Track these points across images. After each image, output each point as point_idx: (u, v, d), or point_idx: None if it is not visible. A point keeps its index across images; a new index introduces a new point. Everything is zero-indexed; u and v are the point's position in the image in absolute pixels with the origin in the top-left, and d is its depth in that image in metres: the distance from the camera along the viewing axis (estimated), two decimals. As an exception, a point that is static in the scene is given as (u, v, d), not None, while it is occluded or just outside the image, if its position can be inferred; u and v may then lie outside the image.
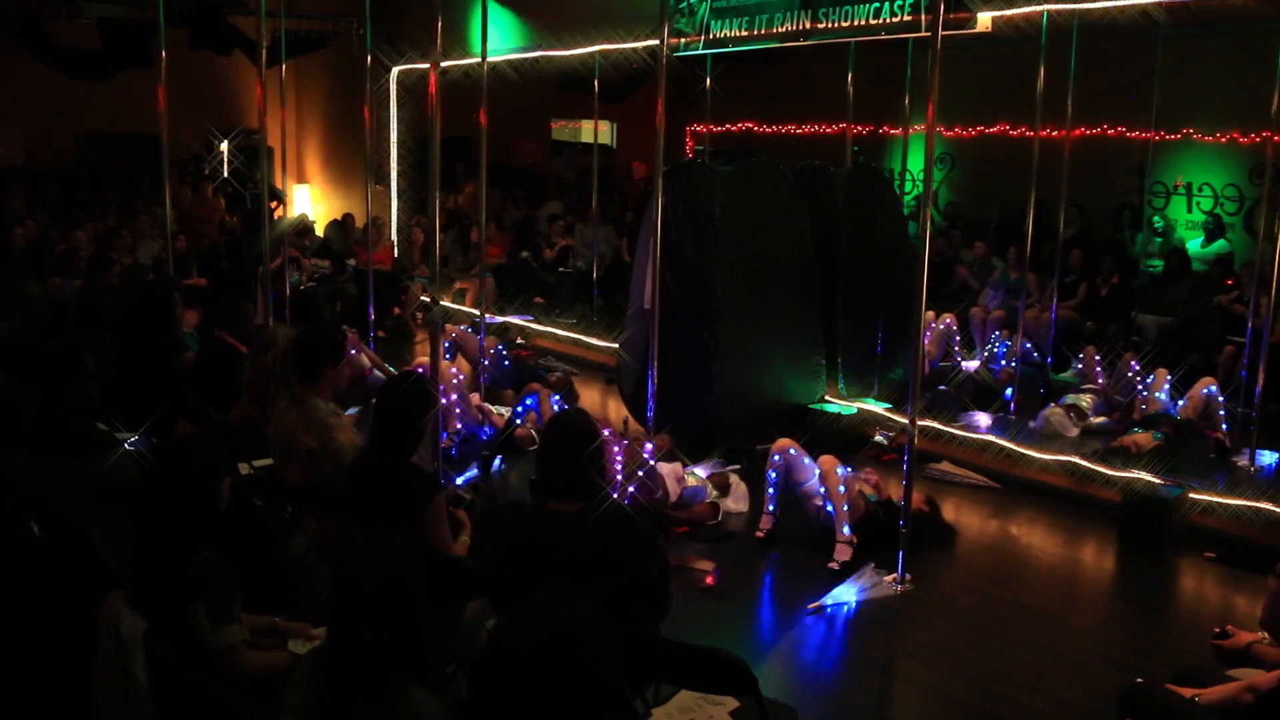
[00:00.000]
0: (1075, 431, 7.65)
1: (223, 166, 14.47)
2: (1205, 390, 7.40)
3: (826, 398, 7.79)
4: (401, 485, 3.79)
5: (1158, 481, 6.21)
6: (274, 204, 9.39)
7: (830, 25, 7.77)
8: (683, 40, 8.89)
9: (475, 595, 3.64)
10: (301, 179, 15.80)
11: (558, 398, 7.56)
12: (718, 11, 8.62)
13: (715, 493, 6.28)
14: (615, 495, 4.55)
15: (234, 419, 5.01)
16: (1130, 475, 6.35)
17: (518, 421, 7.25)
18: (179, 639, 2.93)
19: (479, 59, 8.58)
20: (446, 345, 8.38)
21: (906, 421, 5.43)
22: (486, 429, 7.30)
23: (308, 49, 13.49)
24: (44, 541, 3.76)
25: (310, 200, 15.74)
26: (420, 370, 7.12)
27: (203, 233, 11.73)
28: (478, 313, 8.85)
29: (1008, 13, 7.02)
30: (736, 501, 6.36)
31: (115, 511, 4.02)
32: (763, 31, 8.26)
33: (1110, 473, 6.50)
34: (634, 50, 9.68)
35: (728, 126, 13.55)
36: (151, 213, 11.23)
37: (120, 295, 8.58)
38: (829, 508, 5.66)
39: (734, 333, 7.26)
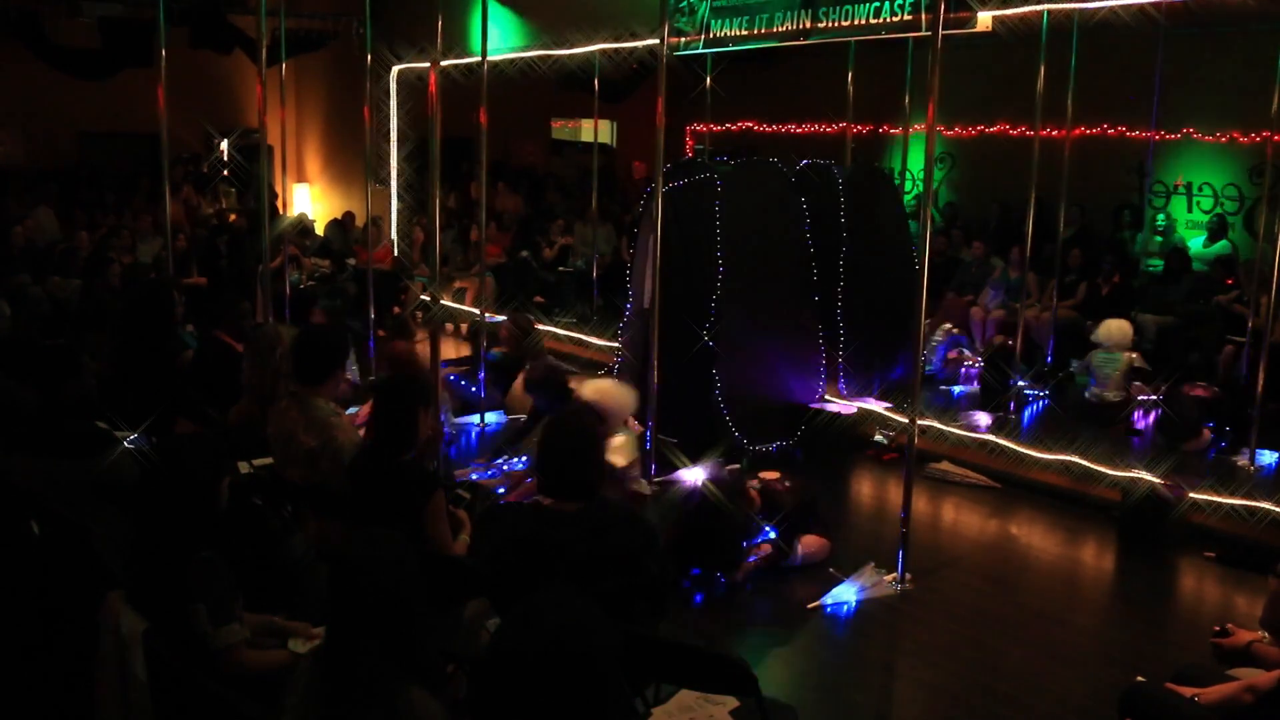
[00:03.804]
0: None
1: (221, 166, 14.48)
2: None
3: (826, 398, 7.79)
4: (401, 484, 3.79)
5: (1158, 481, 6.21)
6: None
7: (830, 25, 7.76)
8: (683, 40, 8.89)
9: (475, 595, 3.64)
10: (301, 178, 15.80)
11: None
12: (718, 11, 8.62)
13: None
14: None
15: (234, 418, 5.01)
16: (1130, 475, 6.35)
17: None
18: (179, 639, 2.93)
19: (479, 59, 8.58)
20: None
21: (906, 421, 5.43)
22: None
23: (308, 48, 13.50)
24: (44, 541, 3.75)
25: (310, 200, 15.74)
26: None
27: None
28: (478, 312, 8.85)
29: (1008, 12, 7.02)
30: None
31: (115, 511, 4.01)
32: (763, 31, 8.26)
33: (1110, 473, 6.50)
34: (634, 50, 9.68)
35: (728, 126, 13.55)
36: (151, 212, 11.24)
37: (120, 294, 8.58)
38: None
39: (734, 332, 7.25)
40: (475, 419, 7.82)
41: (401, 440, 3.86)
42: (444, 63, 5.37)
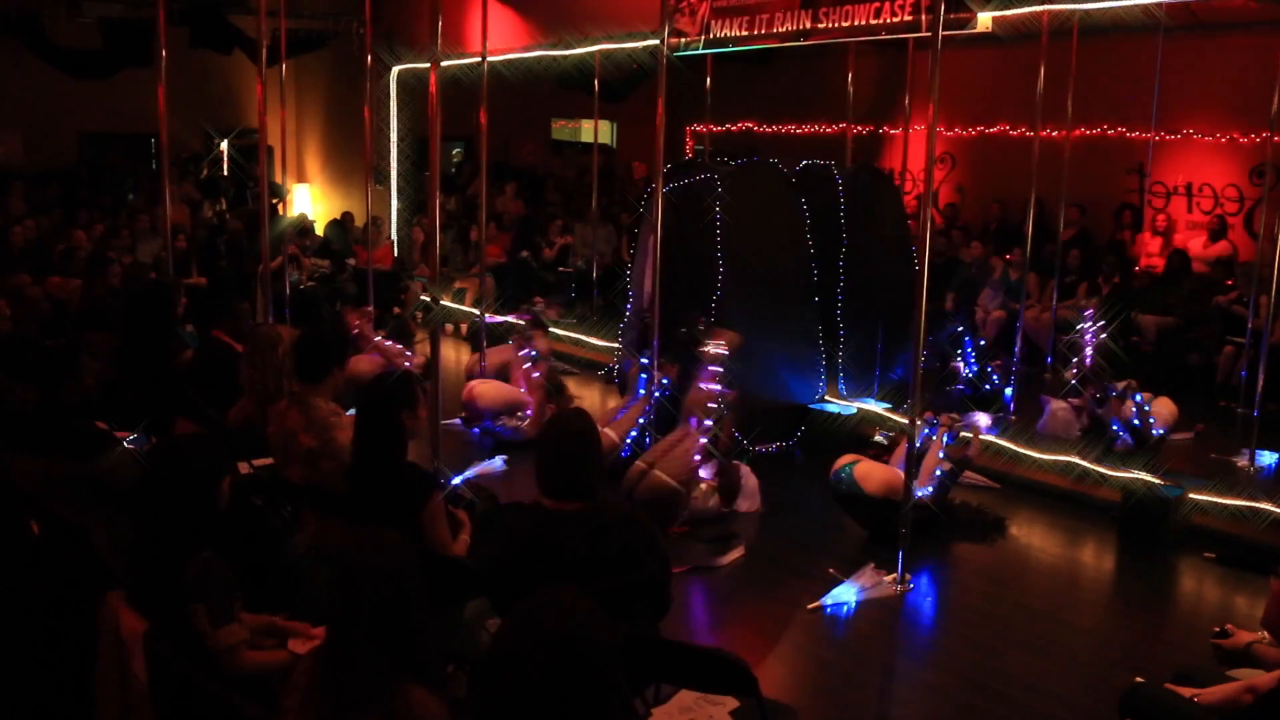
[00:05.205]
0: (1077, 430, 7.58)
1: (221, 166, 14.49)
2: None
3: (826, 398, 7.79)
4: (401, 485, 3.79)
5: (1158, 481, 6.21)
6: (273, 200, 9.41)
7: (830, 25, 7.76)
8: (683, 40, 8.89)
9: (475, 595, 3.64)
10: (301, 178, 15.81)
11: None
12: (718, 11, 8.62)
13: (716, 497, 6.23)
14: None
15: (234, 418, 5.01)
16: (1130, 475, 6.35)
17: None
18: (179, 639, 2.93)
19: (479, 59, 8.58)
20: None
21: (906, 421, 5.42)
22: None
23: (308, 49, 13.51)
24: (44, 541, 3.75)
25: (310, 200, 15.76)
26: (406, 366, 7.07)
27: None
28: (478, 312, 8.85)
29: (1008, 13, 7.02)
30: (748, 500, 6.32)
31: (115, 511, 4.01)
32: (763, 31, 8.26)
33: (1110, 473, 6.50)
34: (634, 50, 9.68)
35: (728, 126, 13.54)
36: (149, 211, 11.24)
37: (121, 294, 8.57)
38: None
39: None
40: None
41: (387, 442, 3.83)
42: (444, 63, 5.36)
